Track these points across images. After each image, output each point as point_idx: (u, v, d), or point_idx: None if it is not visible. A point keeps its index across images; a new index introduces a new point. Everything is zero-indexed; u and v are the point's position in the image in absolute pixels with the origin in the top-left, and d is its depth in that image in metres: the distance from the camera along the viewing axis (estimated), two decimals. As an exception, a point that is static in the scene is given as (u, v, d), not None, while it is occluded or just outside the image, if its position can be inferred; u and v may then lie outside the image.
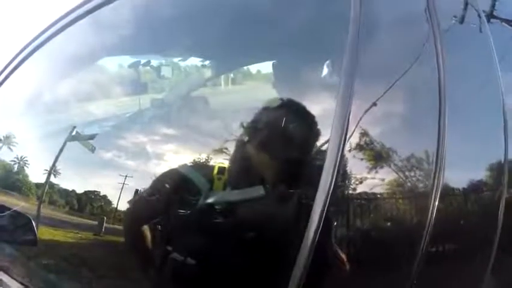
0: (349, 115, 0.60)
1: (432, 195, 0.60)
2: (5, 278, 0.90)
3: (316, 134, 0.66)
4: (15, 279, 0.88)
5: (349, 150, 0.60)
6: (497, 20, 0.79)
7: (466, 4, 0.73)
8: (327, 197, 0.57)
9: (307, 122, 0.68)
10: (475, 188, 0.66)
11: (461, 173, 0.64)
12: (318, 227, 0.57)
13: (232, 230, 0.69)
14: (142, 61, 1.04)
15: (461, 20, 0.71)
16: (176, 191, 0.76)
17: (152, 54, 1.05)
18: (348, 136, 0.59)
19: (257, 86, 1.03)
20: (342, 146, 0.59)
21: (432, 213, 0.59)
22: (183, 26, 0.89)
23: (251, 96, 1.00)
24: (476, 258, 0.64)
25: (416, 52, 0.65)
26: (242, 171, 0.73)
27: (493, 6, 0.79)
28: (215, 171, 0.72)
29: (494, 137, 0.66)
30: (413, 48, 0.67)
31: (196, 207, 0.71)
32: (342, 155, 0.59)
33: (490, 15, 0.79)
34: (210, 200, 0.70)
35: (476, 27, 0.72)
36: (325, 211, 0.57)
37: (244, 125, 0.74)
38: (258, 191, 0.68)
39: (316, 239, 0.57)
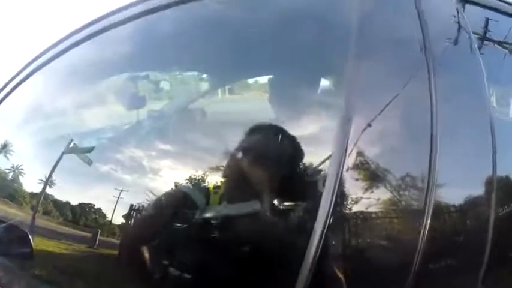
0: (349, 135, 0.63)
1: (425, 213, 0.62)
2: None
3: (311, 152, 0.69)
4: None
5: (347, 170, 0.62)
6: (489, 42, 0.82)
7: (459, 28, 0.76)
8: (327, 217, 0.60)
9: (303, 139, 0.70)
10: (466, 205, 0.68)
11: (453, 191, 0.66)
12: (318, 244, 0.59)
13: (227, 244, 0.70)
14: (141, 75, 1.06)
15: (453, 43, 0.74)
16: (173, 205, 0.76)
17: (151, 71, 1.07)
18: (347, 156, 0.62)
19: (254, 101, 1.05)
20: (342, 165, 0.61)
21: (425, 231, 0.61)
22: (182, 44, 0.91)
23: (248, 111, 1.02)
24: (467, 274, 0.66)
25: (409, 75, 0.68)
26: (238, 185, 0.74)
27: (486, 28, 0.82)
28: (212, 185, 0.73)
29: (484, 154, 0.69)
30: (407, 70, 0.70)
31: (193, 221, 0.72)
32: (342, 175, 0.61)
33: (483, 38, 0.82)
34: (206, 215, 0.71)
35: (467, 50, 0.75)
36: (325, 230, 0.59)
37: (241, 139, 0.75)
38: (253, 205, 0.69)
39: (317, 256, 0.59)
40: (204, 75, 1.08)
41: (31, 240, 0.85)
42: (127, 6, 0.90)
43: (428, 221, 0.62)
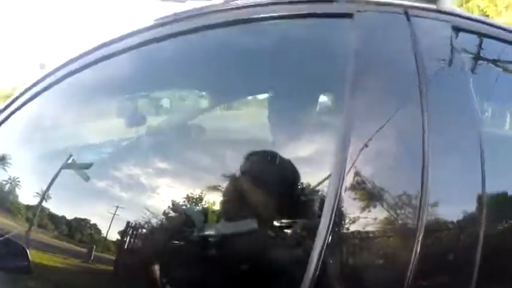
0: (347, 156, 0.66)
1: (417, 231, 0.65)
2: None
3: (309, 172, 0.72)
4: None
5: (345, 190, 0.66)
6: (483, 61, 0.86)
7: (450, 50, 0.80)
8: (326, 236, 0.63)
9: (301, 159, 0.73)
10: (457, 223, 0.70)
11: (444, 209, 0.69)
12: (317, 263, 0.63)
13: (225, 262, 0.72)
14: (141, 94, 1.08)
15: (445, 64, 0.78)
16: (171, 223, 0.78)
17: (151, 92, 1.10)
18: (345, 176, 0.66)
19: (252, 121, 1.08)
20: (340, 186, 0.65)
21: (417, 249, 0.64)
22: (184, 68, 0.94)
23: (246, 130, 1.04)
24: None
25: (402, 95, 0.73)
26: (236, 205, 0.76)
27: (479, 46, 0.87)
28: (210, 203, 0.75)
29: (473, 172, 0.72)
30: (400, 91, 0.74)
31: (191, 239, 0.74)
32: (340, 195, 0.65)
33: (477, 57, 0.86)
34: (204, 233, 0.73)
35: (458, 70, 0.79)
36: (324, 249, 0.63)
37: (240, 158, 0.77)
38: (251, 224, 0.71)
39: (317, 274, 0.62)
40: (206, 97, 1.11)
41: (28, 254, 0.86)
42: (125, 37, 0.94)
43: (420, 239, 0.64)
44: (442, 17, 0.86)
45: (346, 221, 0.66)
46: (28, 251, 0.86)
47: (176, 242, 0.76)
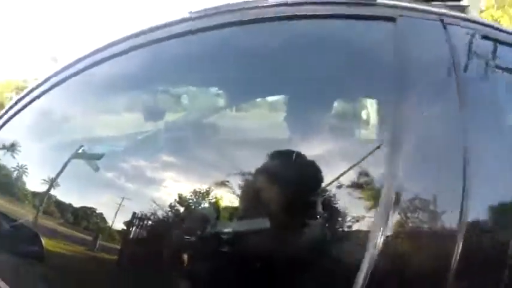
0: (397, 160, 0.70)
1: (459, 232, 0.67)
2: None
3: (327, 172, 0.73)
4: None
5: (396, 194, 0.68)
6: (498, 70, 0.88)
7: (483, 58, 0.83)
8: (378, 238, 0.66)
9: (317, 159, 0.74)
10: (495, 225, 0.73)
11: (483, 211, 0.72)
12: (369, 267, 0.66)
13: (235, 259, 0.74)
14: (159, 88, 1.10)
15: (479, 71, 0.82)
16: (183, 219, 0.81)
17: (169, 87, 1.12)
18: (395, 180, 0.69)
19: (269, 119, 1.10)
20: (392, 189, 0.68)
21: (458, 250, 0.66)
22: (213, 66, 0.96)
23: (262, 128, 1.06)
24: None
25: (443, 99, 0.76)
26: (249, 202, 0.77)
27: (494, 53, 0.88)
28: (222, 201, 0.76)
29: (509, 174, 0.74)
30: (441, 95, 0.77)
31: (202, 236, 0.76)
32: (393, 199, 0.67)
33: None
34: (215, 230, 0.75)
35: (491, 77, 0.83)
36: (376, 252, 0.66)
37: (254, 156, 0.79)
38: (264, 223, 0.72)
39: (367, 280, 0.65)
40: (230, 96, 1.11)
41: (42, 241, 0.88)
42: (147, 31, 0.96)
43: (462, 240, 0.67)
44: (472, 25, 0.89)
45: (398, 223, 0.68)
46: (41, 238, 0.88)
47: (188, 238, 0.78)
